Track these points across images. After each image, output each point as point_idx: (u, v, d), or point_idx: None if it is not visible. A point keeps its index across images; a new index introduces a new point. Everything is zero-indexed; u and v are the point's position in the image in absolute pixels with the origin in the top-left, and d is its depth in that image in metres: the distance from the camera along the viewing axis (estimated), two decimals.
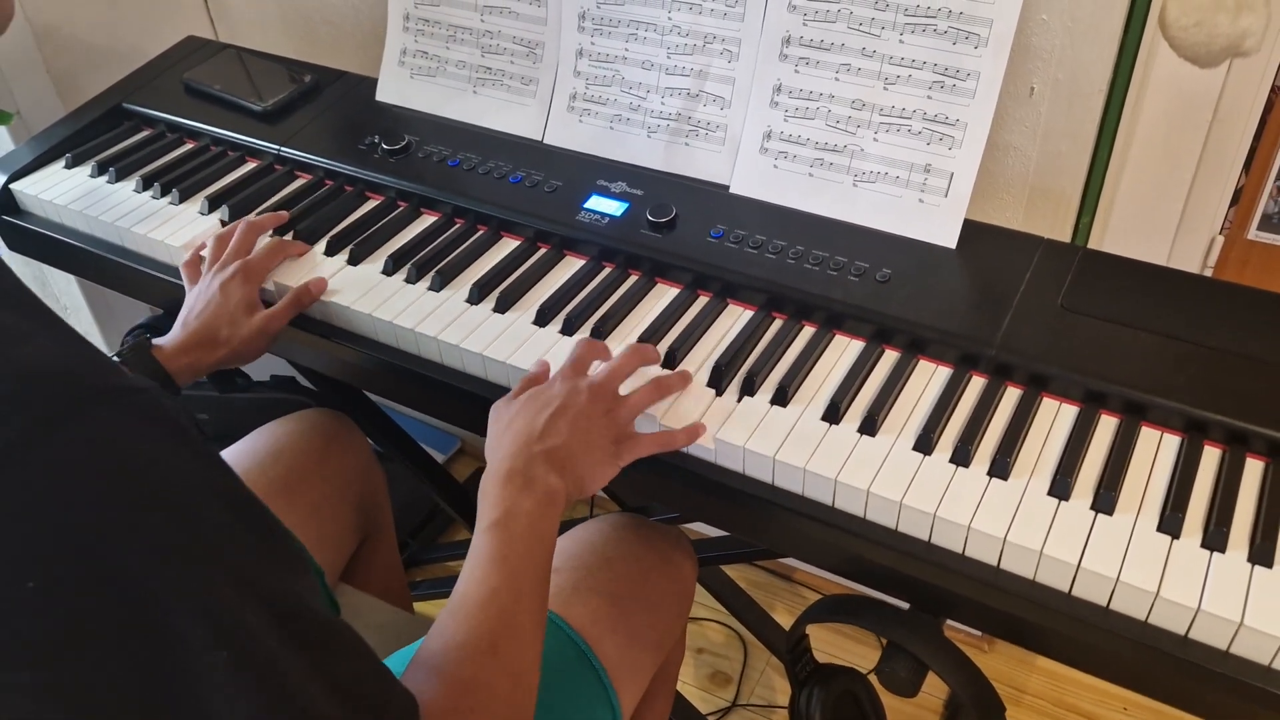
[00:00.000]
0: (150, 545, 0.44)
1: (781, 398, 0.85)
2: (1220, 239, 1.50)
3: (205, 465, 0.49)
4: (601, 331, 0.92)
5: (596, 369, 0.84)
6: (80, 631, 0.43)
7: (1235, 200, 1.41)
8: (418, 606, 1.61)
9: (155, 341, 0.94)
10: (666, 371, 0.87)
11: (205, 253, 1.02)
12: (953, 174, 0.94)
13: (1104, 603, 0.72)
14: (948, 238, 0.95)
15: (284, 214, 1.07)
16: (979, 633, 1.54)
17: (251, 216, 1.06)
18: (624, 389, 0.83)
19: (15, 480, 0.42)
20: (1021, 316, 0.88)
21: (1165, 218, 1.38)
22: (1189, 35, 0.95)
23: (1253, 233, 1.43)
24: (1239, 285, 0.89)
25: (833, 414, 0.83)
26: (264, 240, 1.03)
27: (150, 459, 0.46)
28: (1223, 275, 1.56)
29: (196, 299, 0.98)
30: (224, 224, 1.09)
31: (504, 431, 0.78)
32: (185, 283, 1.01)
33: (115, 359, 0.91)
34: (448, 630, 0.65)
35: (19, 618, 0.42)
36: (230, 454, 1.05)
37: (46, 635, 0.43)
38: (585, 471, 0.77)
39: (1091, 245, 1.20)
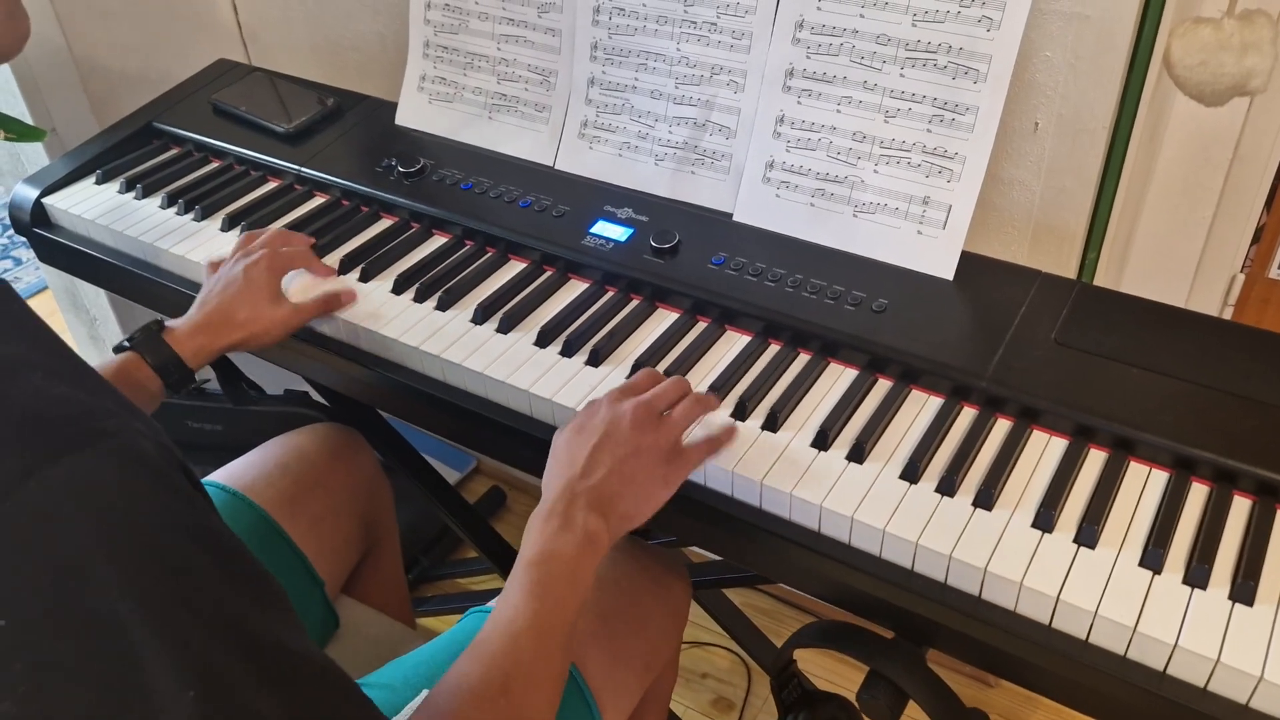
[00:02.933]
0: (122, 589, 0.45)
1: (772, 423, 0.86)
2: (1241, 278, 1.49)
3: (182, 508, 0.50)
4: (600, 354, 0.94)
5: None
6: (52, 668, 0.44)
7: (1256, 239, 1.40)
8: (427, 623, 1.63)
9: (168, 323, 0.94)
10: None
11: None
12: (951, 206, 0.95)
13: (1083, 636, 0.72)
14: (945, 269, 0.96)
15: (312, 239, 1.08)
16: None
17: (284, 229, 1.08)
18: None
19: None
20: (1015, 349, 0.88)
21: (1185, 256, 1.38)
22: (1194, 74, 0.96)
23: (1274, 271, 1.42)
24: (1234, 323, 0.89)
25: (821, 441, 0.84)
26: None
27: (126, 504, 0.47)
28: (1243, 314, 1.55)
29: (217, 281, 0.98)
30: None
31: (551, 466, 0.77)
32: (205, 278, 1.01)
33: (126, 344, 0.92)
34: (464, 667, 0.65)
35: None
36: (239, 465, 1.07)
37: (20, 671, 0.44)
38: (631, 506, 0.75)
39: (1109, 284, 1.20)
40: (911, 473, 0.81)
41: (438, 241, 1.11)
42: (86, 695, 0.45)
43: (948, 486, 0.79)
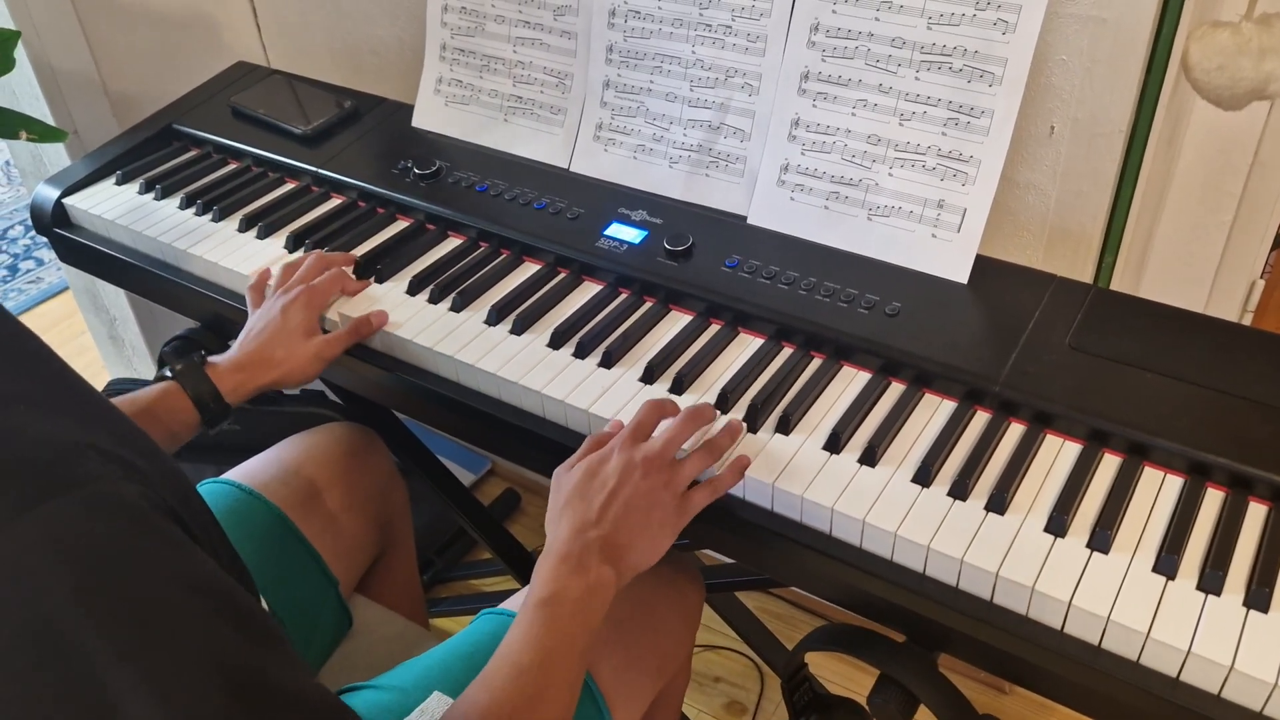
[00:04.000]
0: (99, 634, 0.45)
1: (785, 426, 0.86)
2: (1260, 283, 1.48)
3: (165, 553, 0.50)
4: (613, 356, 0.94)
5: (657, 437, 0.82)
6: (34, 708, 0.45)
7: (1276, 244, 1.40)
8: (441, 623, 1.64)
9: (211, 359, 0.96)
10: (717, 423, 0.86)
11: (271, 280, 1.05)
12: (965, 210, 0.95)
13: (1095, 641, 0.71)
14: (959, 273, 0.95)
15: (354, 255, 1.08)
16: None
17: (324, 251, 1.08)
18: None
19: None
20: (1029, 354, 0.88)
21: (1204, 262, 1.37)
22: (1212, 79, 0.96)
23: None
24: (1250, 328, 0.89)
25: (834, 444, 0.84)
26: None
27: (106, 549, 0.47)
28: (1263, 319, 1.54)
29: (257, 320, 1.00)
30: (260, 238, 1.13)
31: (562, 510, 0.78)
32: (249, 305, 1.04)
33: (167, 374, 0.94)
34: (468, 703, 0.67)
35: None
36: (255, 464, 1.08)
37: (3, 709, 0.45)
38: (639, 557, 0.77)
39: (1127, 289, 1.19)
40: (924, 476, 0.80)
41: (453, 243, 1.12)
42: None
43: (960, 490, 0.79)
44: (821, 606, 1.65)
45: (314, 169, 1.22)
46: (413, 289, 1.04)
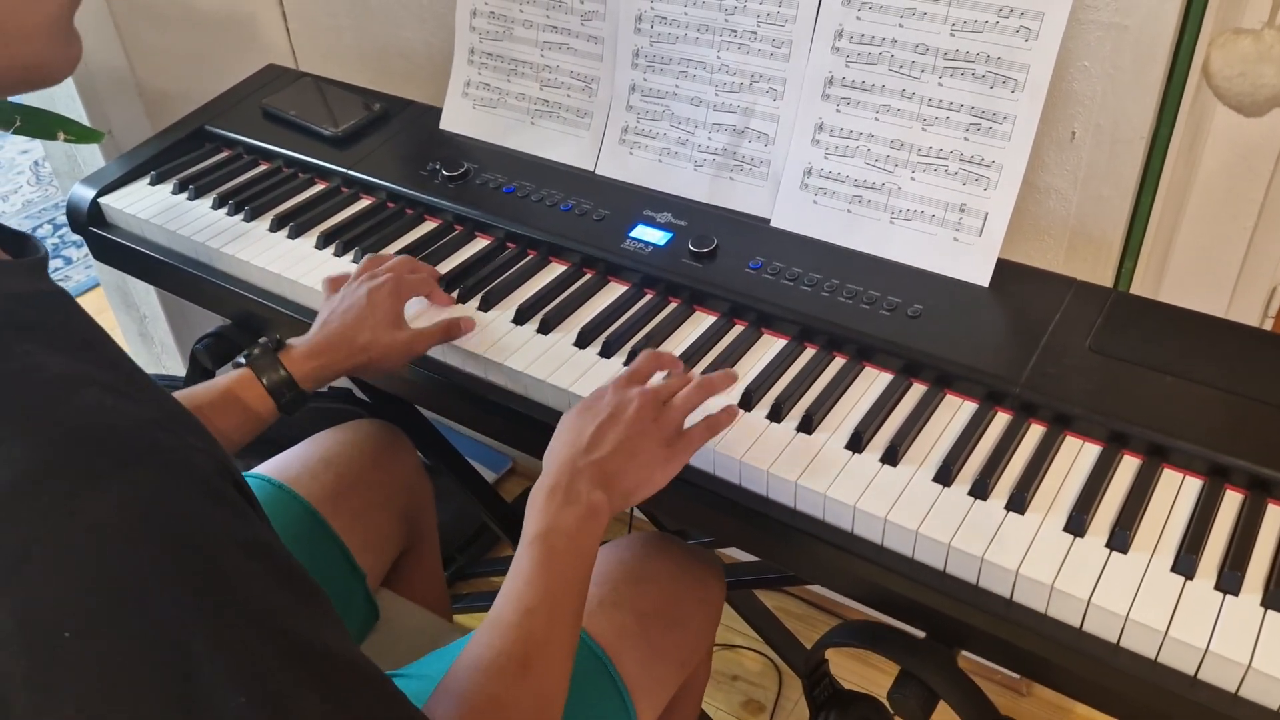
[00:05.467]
0: (176, 600, 0.47)
1: (807, 425, 0.87)
2: None
3: (232, 520, 0.51)
4: (638, 355, 0.95)
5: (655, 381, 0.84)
6: (113, 676, 0.46)
7: None
8: (462, 619, 1.65)
9: (288, 342, 0.93)
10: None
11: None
12: (987, 214, 0.96)
13: (1114, 640, 0.72)
14: (981, 276, 0.97)
15: (438, 271, 1.08)
16: (1017, 675, 1.53)
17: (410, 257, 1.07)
18: None
19: (57, 537, 0.46)
20: (1049, 356, 0.89)
21: (1225, 267, 1.38)
22: (1233, 85, 0.96)
23: None
24: (1270, 332, 0.90)
25: (856, 443, 0.85)
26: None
27: (179, 518, 0.49)
28: None
29: (339, 302, 0.97)
30: (291, 237, 1.15)
31: (555, 443, 0.80)
32: (324, 294, 1.01)
33: (241, 360, 0.93)
34: (480, 647, 0.67)
35: (59, 664, 0.46)
36: (284, 458, 1.10)
37: (84, 679, 0.46)
38: (632, 484, 0.78)
39: (1147, 294, 1.20)
40: (945, 476, 0.82)
41: (480, 244, 1.14)
42: (145, 704, 0.47)
43: (981, 490, 0.80)
44: (838, 606, 1.66)
45: (344, 170, 1.24)
46: (441, 288, 1.06)
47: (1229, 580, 0.72)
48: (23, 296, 0.53)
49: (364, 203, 1.22)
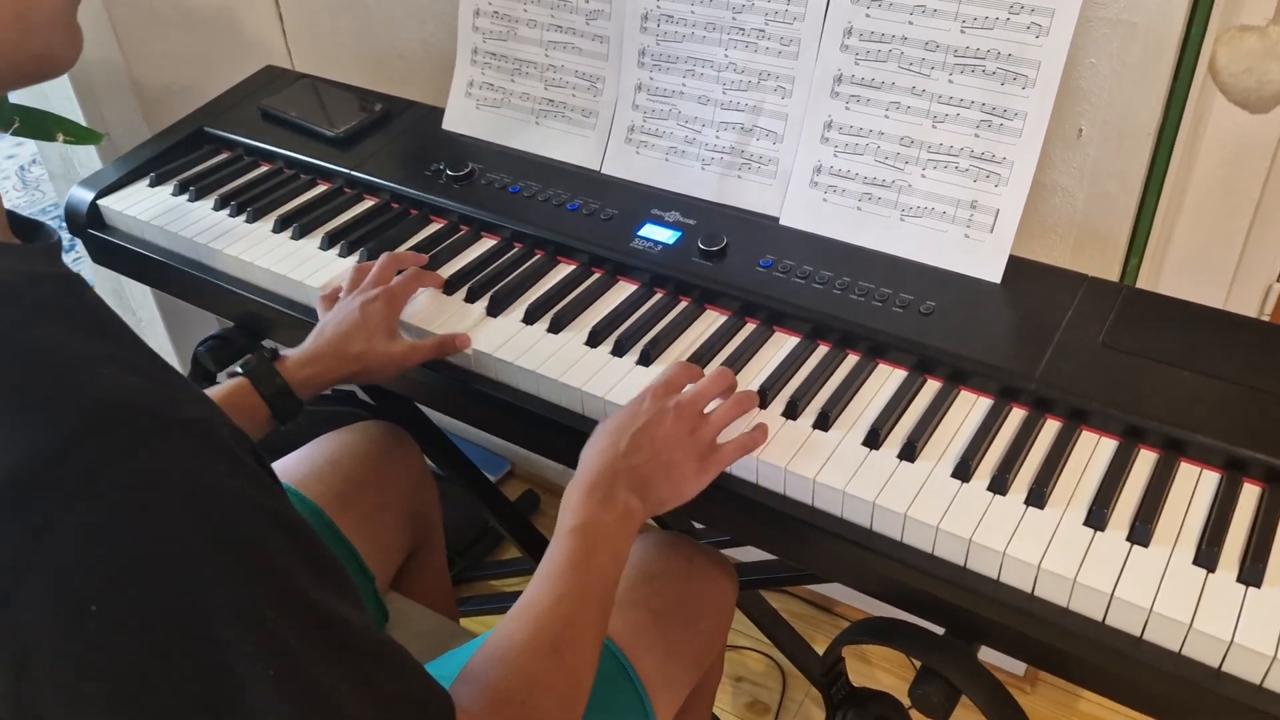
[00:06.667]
0: (203, 569, 0.47)
1: (823, 422, 0.87)
2: (1278, 286, 1.49)
3: (256, 491, 0.51)
4: (650, 354, 0.95)
5: (687, 391, 0.85)
6: (139, 648, 0.46)
7: None
8: (463, 622, 1.64)
9: (282, 352, 0.95)
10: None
11: (343, 288, 1.03)
12: (998, 210, 0.96)
13: (1137, 633, 0.73)
14: (992, 273, 0.97)
15: (424, 256, 1.08)
16: (1021, 672, 1.53)
17: (397, 251, 1.08)
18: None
19: (83, 510, 0.46)
20: (1063, 351, 0.89)
21: (1222, 263, 1.38)
22: (1239, 81, 0.97)
23: None
24: None
25: (873, 439, 0.85)
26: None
27: (204, 488, 0.49)
28: None
29: (334, 315, 0.98)
30: (295, 238, 1.14)
31: (593, 444, 0.81)
32: (319, 313, 1.02)
33: (238, 370, 0.93)
34: (512, 628, 0.68)
35: (86, 637, 0.46)
36: (291, 461, 1.09)
37: (110, 651, 0.46)
38: (665, 493, 0.80)
39: (1147, 289, 1.20)
40: (963, 471, 0.82)
41: (487, 244, 1.13)
42: (174, 675, 0.47)
43: (1000, 485, 0.80)
44: (844, 608, 1.66)
45: (346, 171, 1.23)
46: (449, 289, 1.06)
47: (1251, 573, 0.72)
48: (39, 279, 0.53)
49: (367, 203, 1.21)
